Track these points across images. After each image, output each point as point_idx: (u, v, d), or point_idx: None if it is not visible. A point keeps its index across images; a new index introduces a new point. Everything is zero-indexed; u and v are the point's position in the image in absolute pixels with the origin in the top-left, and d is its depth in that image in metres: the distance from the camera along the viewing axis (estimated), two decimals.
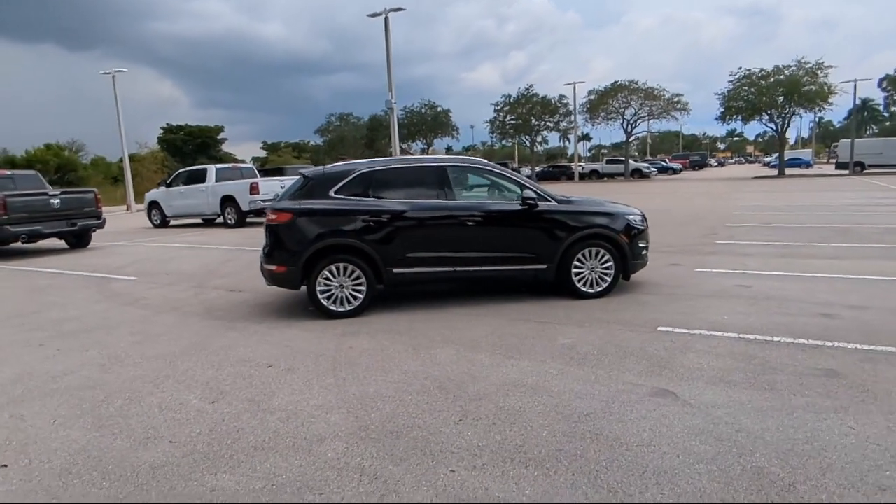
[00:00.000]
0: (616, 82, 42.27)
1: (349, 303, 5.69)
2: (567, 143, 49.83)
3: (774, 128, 39.83)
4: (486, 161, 6.44)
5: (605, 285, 6.05)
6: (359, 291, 5.70)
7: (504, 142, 55.33)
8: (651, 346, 4.44)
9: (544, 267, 5.95)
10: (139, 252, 12.14)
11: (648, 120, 44.33)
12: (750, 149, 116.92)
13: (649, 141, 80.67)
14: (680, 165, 55.70)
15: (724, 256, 8.36)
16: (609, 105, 42.97)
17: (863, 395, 3.38)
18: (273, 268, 5.73)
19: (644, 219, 6.48)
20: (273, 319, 5.78)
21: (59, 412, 3.69)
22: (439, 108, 50.21)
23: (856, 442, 2.83)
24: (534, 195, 5.92)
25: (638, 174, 44.17)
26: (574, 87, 44.20)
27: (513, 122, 47.92)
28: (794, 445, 2.82)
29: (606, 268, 6.05)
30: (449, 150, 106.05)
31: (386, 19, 22.33)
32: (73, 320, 6.18)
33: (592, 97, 44.22)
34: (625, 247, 6.03)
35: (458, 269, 5.84)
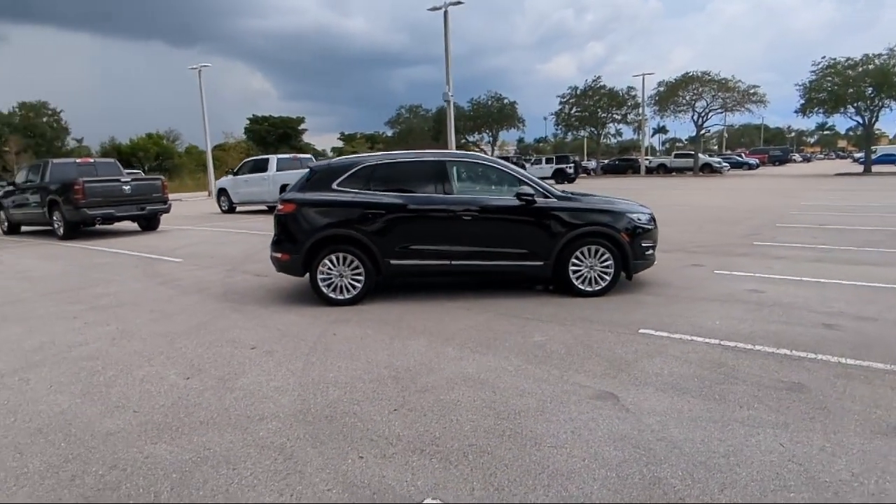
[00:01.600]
0: (687, 73, 40.29)
1: (348, 291, 5.87)
2: (641, 135, 47.94)
3: (862, 121, 36.62)
4: (486, 156, 6.41)
5: (603, 284, 5.90)
6: (357, 281, 5.87)
7: (573, 134, 53.94)
8: (621, 348, 4.32)
9: (541, 264, 5.87)
10: (198, 236, 12.94)
11: (724, 113, 41.93)
12: (843, 143, 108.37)
13: (726, 135, 76.27)
14: (757, 161, 52.27)
15: (754, 258, 7.89)
16: (679, 97, 40.96)
17: (815, 412, 3.16)
18: (279, 255, 6.00)
19: (652, 219, 6.24)
20: (279, 304, 6.05)
21: (59, 379, 4.07)
22: (506, 100, 49.70)
23: (776, 460, 2.67)
24: (531, 191, 5.84)
25: (708, 169, 41.93)
26: (643, 79, 42.55)
27: (578, 114, 46.73)
28: (710, 459, 2.71)
29: (606, 266, 5.89)
30: (520, 141, 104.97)
31: (445, 13, 22.33)
32: (109, 296, 6.73)
33: (661, 89, 42.36)
34: (625, 245, 5.85)
35: (453, 262, 5.87)
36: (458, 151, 6.55)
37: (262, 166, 18.32)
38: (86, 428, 3.27)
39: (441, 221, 5.83)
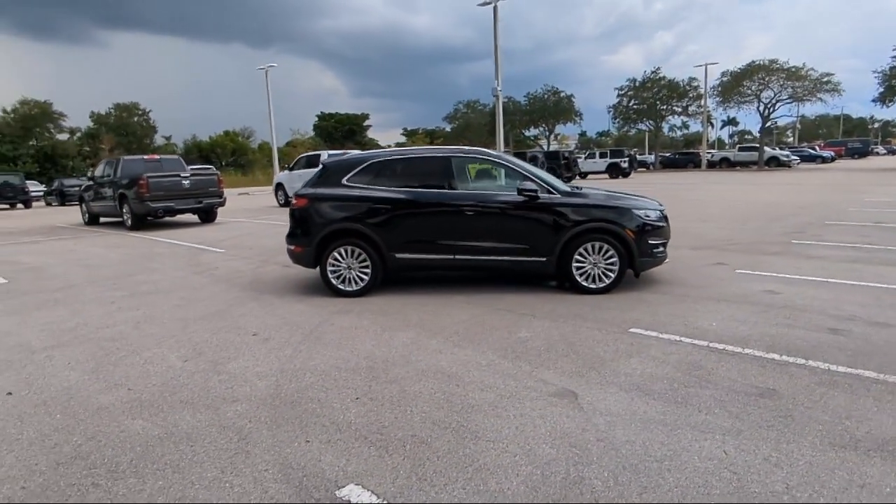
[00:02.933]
0: (753, 62, 37.93)
1: (356, 283, 6.02)
2: (710, 127, 45.75)
3: None
4: (491, 152, 6.34)
5: (608, 281, 5.75)
6: (365, 273, 6.00)
7: (631, 127, 52.18)
8: (603, 347, 4.23)
9: (543, 259, 5.80)
10: (247, 228, 13.55)
11: (793, 103, 39.27)
12: None
13: (798, 126, 71.42)
14: (832, 153, 48.61)
15: (785, 258, 7.44)
16: (744, 88, 38.70)
17: (776, 421, 3.00)
18: (293, 247, 6.22)
19: (662, 216, 6.02)
20: (294, 294, 6.28)
21: (77, 357, 4.43)
22: (562, 94, 48.68)
23: (711, 468, 2.57)
24: (533, 187, 5.77)
25: (775, 163, 39.45)
26: (705, 69, 40.53)
27: (636, 106, 45.08)
28: (642, 462, 2.63)
29: (610, 263, 5.75)
30: (583, 135, 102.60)
31: (495, 8, 22.14)
32: (150, 283, 7.20)
33: (725, 79, 40.15)
34: (630, 243, 5.68)
35: (456, 257, 5.90)
36: (465, 147, 6.53)
37: (314, 162, 18.86)
38: (83, 402, 3.55)
39: (445, 216, 5.86)
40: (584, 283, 5.77)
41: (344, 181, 6.06)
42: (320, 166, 6.47)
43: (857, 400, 3.20)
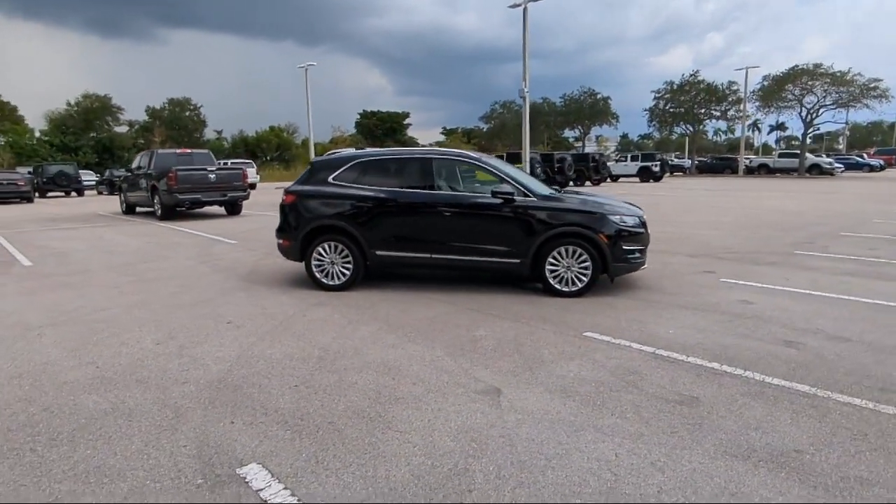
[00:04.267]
0: (796, 66, 36.44)
1: (339, 278, 6.22)
2: (756, 132, 44.30)
3: None
4: (472, 154, 6.42)
5: (580, 285, 5.77)
6: (347, 268, 6.19)
7: (668, 130, 50.93)
8: (549, 349, 4.29)
9: (518, 261, 5.86)
10: (267, 221, 13.93)
11: (837, 109, 37.56)
12: None
13: (847, 133, 68.16)
14: (881, 162, 46.19)
15: (779, 268, 7.26)
16: (787, 92, 37.25)
17: (683, 428, 3.02)
18: (281, 241, 6.47)
19: (640, 223, 5.99)
20: (282, 286, 6.53)
21: (65, 336, 4.77)
22: (599, 95, 47.96)
23: (595, 468, 2.63)
24: (510, 189, 5.83)
25: (817, 170, 37.83)
26: (745, 72, 39.16)
27: (672, 110, 43.97)
28: (532, 459, 2.71)
29: (584, 267, 5.76)
30: (624, 137, 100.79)
31: (525, 9, 22.05)
32: (157, 271, 7.60)
33: (766, 83, 38.73)
34: (604, 247, 5.68)
35: (433, 255, 6.02)
36: (445, 149, 6.64)
37: None
38: (52, 376, 3.85)
39: (423, 216, 5.99)
40: (557, 286, 5.81)
41: (330, 179, 6.27)
42: (309, 164, 6.69)
43: (774, 412, 3.18)
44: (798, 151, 40.27)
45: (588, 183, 30.02)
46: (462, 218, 5.92)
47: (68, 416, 3.23)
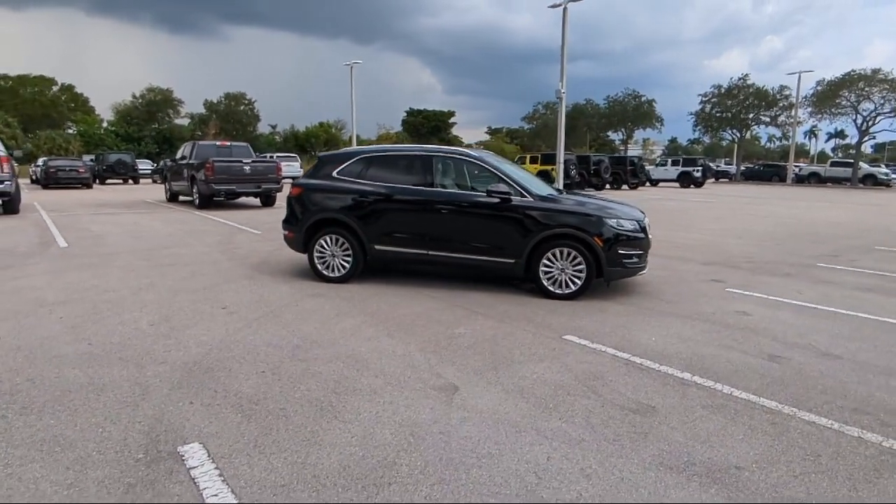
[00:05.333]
0: (852, 71, 34.51)
1: (339, 270, 6.31)
2: (813, 139, 42.29)
3: None
4: (472, 152, 6.36)
5: (574, 288, 5.67)
6: (347, 261, 6.28)
7: (715, 136, 49.12)
8: (522, 350, 4.24)
9: (512, 261, 5.81)
10: None
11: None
12: None
13: None
14: None
15: (794, 280, 6.94)
16: (842, 98, 35.30)
17: (627, 437, 2.94)
18: (286, 232, 6.62)
19: (640, 227, 5.84)
20: (286, 276, 6.68)
21: (73, 313, 5.02)
22: (643, 98, 46.72)
23: (521, 471, 2.59)
24: (506, 189, 5.78)
25: (871, 181, 35.70)
26: (798, 77, 37.32)
27: (719, 114, 42.35)
28: (463, 456, 2.70)
29: (578, 270, 5.66)
30: (672, 141, 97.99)
31: (564, 10, 21.70)
32: (175, 256, 7.90)
33: (820, 88, 36.80)
34: (598, 251, 5.57)
35: (430, 252, 6.03)
36: (447, 147, 6.63)
37: None
38: (46, 351, 4.06)
39: (421, 213, 6.01)
40: (551, 288, 5.73)
41: (334, 174, 6.37)
42: (317, 159, 6.81)
43: (729, 426, 3.06)
44: (852, 160, 38.13)
45: (625, 187, 29.34)
46: (459, 216, 5.91)
47: (47, 388, 3.41)
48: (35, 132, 55.99)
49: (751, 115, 41.71)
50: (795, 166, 41.33)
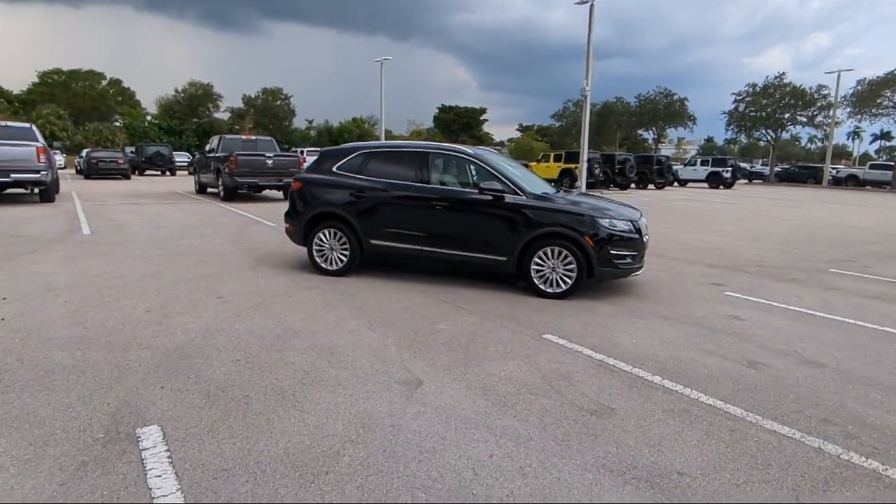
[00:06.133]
0: (894, 71, 32.90)
1: (336, 264, 6.39)
2: (857, 140, 40.62)
3: None
4: (468, 149, 6.30)
5: (564, 287, 5.62)
6: (345, 255, 6.35)
7: (748, 136, 47.54)
8: (497, 347, 4.22)
9: (504, 259, 5.78)
10: None
11: None
12: None
13: None
14: None
15: (799, 286, 6.71)
16: (885, 98, 33.72)
17: (576, 438, 2.91)
18: (287, 225, 6.74)
19: (634, 228, 5.73)
20: (286, 268, 6.80)
21: (77, 298, 5.23)
22: (675, 97, 45.58)
23: (460, 466, 2.60)
24: (498, 187, 5.75)
25: None
26: (837, 76, 35.72)
27: (753, 114, 40.96)
28: (407, 450, 2.72)
29: (569, 269, 5.60)
30: (709, 140, 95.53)
31: (591, 6, 21.32)
32: (187, 246, 8.12)
33: (860, 88, 35.22)
34: (589, 250, 5.49)
35: (424, 248, 6.05)
36: (442, 144, 6.60)
37: None
38: (43, 333, 4.24)
39: (415, 209, 6.03)
40: (542, 287, 5.68)
41: (334, 169, 6.44)
42: (319, 154, 6.90)
43: (685, 432, 3.00)
44: (893, 163, 36.43)
45: (651, 186, 28.74)
46: (452, 213, 5.91)
47: (33, 368, 3.56)
48: (84, 124, 58.21)
49: (786, 115, 40.25)
50: (833, 168, 39.69)
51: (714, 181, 30.79)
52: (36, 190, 13.12)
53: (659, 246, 9.38)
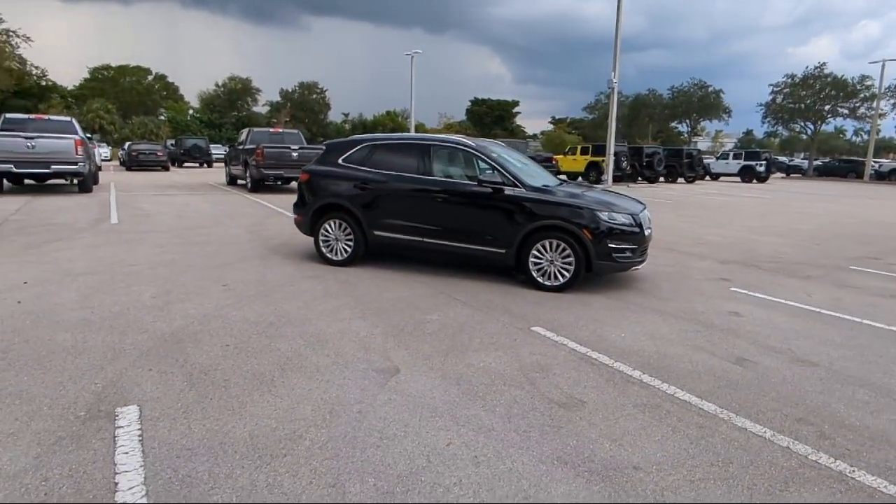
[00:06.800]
0: None
1: (342, 254, 6.47)
2: (871, 132, 38.66)
3: None
4: (469, 142, 6.23)
5: (562, 280, 5.56)
6: (349, 246, 6.43)
7: (787, 129, 45.62)
8: (483, 338, 4.22)
9: (503, 251, 5.75)
10: None
11: None
12: None
13: None
14: None
15: (813, 282, 6.46)
16: None
17: (538, 430, 2.89)
18: (295, 216, 6.85)
19: (635, 222, 5.62)
20: (296, 258, 6.93)
21: (91, 284, 5.45)
22: (710, 89, 44.10)
23: (416, 453, 2.62)
24: (498, 179, 5.72)
25: None
26: (882, 66, 33.90)
27: (791, 105, 39.28)
28: (368, 436, 2.76)
29: (567, 262, 5.54)
30: (748, 133, 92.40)
31: None
32: (206, 236, 8.35)
33: None
34: (587, 243, 5.41)
35: (425, 240, 6.07)
36: (444, 136, 6.58)
37: None
38: (53, 316, 4.45)
39: (417, 200, 6.05)
40: (540, 279, 5.64)
41: (340, 160, 6.51)
42: (324, 146, 6.98)
43: (652, 426, 2.94)
44: None
45: (681, 180, 27.99)
46: (452, 205, 5.91)
47: (36, 349, 3.74)
48: (131, 118, 60.27)
49: (827, 107, 38.49)
50: (875, 162, 37.83)
51: (747, 175, 29.76)
52: (75, 181, 13.68)
53: (673, 240, 9.17)
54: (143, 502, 2.20)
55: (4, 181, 13.38)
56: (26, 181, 14.78)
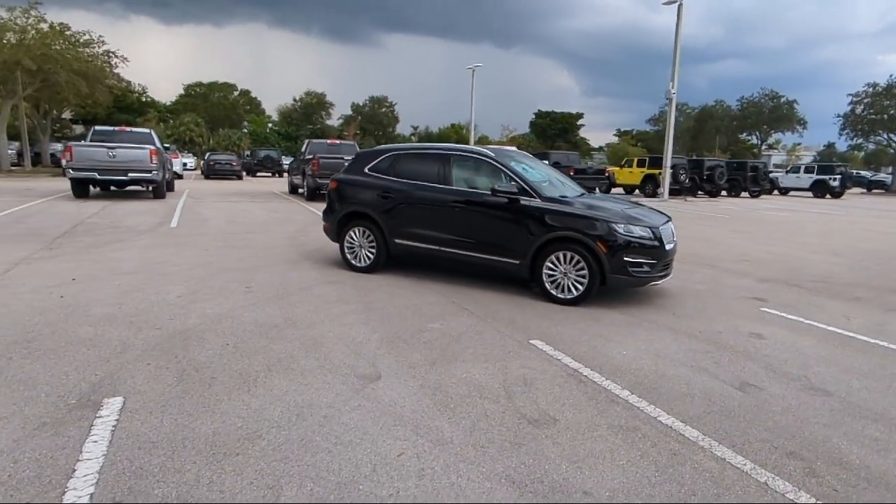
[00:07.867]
0: None
1: (365, 261, 6.54)
2: None
3: None
4: (488, 152, 6.03)
5: (576, 293, 5.34)
6: (372, 253, 6.49)
7: (867, 141, 41.87)
8: (476, 349, 4.11)
9: (517, 262, 5.60)
10: None
11: None
12: None
13: None
14: None
15: (855, 305, 5.86)
16: None
17: (496, 445, 2.76)
18: (324, 223, 6.99)
19: (654, 235, 5.31)
20: (324, 264, 7.06)
21: (130, 282, 5.78)
22: (783, 99, 41.33)
23: (363, 461, 2.57)
24: (513, 189, 5.58)
25: None
26: None
27: (872, 116, 36.07)
28: (324, 440, 2.73)
29: (581, 275, 5.31)
30: (829, 146, 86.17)
31: (679, 6, 19.94)
32: (249, 241, 8.69)
33: None
34: (601, 256, 5.17)
35: (442, 248, 6.02)
36: (466, 146, 6.49)
37: None
38: (84, 310, 4.74)
39: (435, 210, 6.01)
40: (553, 292, 5.44)
41: (366, 169, 6.59)
42: (354, 155, 7.09)
43: (620, 450, 2.74)
44: None
45: (745, 194, 26.36)
46: (469, 214, 5.83)
47: (57, 339, 4.00)
48: (218, 130, 64.28)
49: None
50: None
51: (819, 190, 27.59)
52: (150, 188, 14.69)
53: (716, 256, 8.63)
54: (89, 491, 2.27)
55: (91, 187, 14.57)
56: (112, 188, 16.02)
